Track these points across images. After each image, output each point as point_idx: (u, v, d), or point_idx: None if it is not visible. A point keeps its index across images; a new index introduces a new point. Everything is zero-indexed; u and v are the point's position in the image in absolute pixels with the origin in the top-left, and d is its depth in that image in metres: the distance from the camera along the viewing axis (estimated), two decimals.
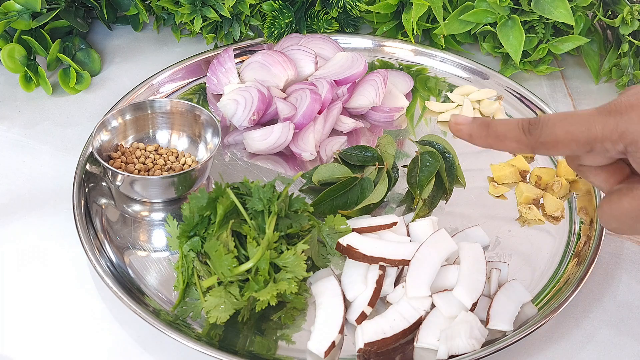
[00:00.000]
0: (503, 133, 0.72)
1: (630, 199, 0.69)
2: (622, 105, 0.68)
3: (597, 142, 0.68)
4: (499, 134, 0.72)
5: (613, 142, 0.67)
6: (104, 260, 0.87)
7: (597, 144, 0.68)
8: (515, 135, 0.71)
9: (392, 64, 1.15)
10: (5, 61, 1.06)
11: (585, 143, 0.68)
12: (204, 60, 1.11)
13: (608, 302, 0.87)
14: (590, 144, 0.68)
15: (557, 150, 0.70)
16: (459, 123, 0.73)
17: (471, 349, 0.77)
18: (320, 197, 0.90)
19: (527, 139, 0.70)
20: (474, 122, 0.73)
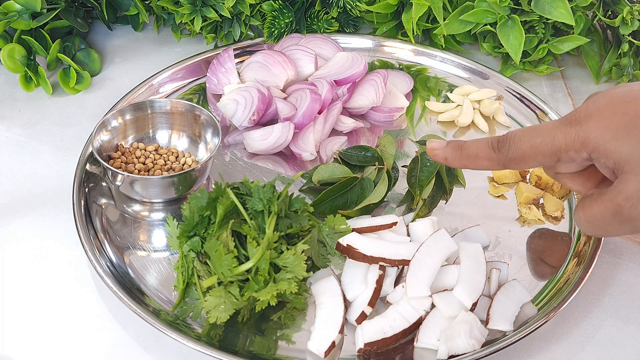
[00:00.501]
0: (475, 153, 0.76)
1: (599, 203, 0.71)
2: (581, 115, 0.71)
3: (562, 152, 0.71)
4: (471, 154, 0.76)
5: (576, 150, 0.70)
6: (104, 260, 0.87)
7: (562, 154, 0.71)
8: (486, 154, 0.75)
9: (392, 64, 1.15)
10: (5, 61, 1.06)
11: (551, 154, 0.71)
12: (204, 60, 1.11)
13: (608, 302, 0.87)
14: (556, 155, 0.71)
15: (525, 164, 0.73)
16: (434, 148, 0.79)
17: (471, 349, 0.77)
18: (320, 197, 0.90)
19: (497, 156, 0.75)
20: (448, 145, 0.78)
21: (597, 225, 0.72)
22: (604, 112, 0.70)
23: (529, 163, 0.73)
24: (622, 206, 0.69)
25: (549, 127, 0.72)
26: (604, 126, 0.69)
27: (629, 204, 0.68)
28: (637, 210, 0.68)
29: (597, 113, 0.70)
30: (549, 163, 0.73)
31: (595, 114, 0.70)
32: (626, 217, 0.69)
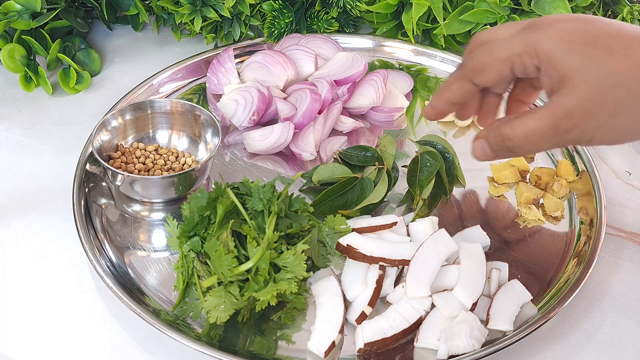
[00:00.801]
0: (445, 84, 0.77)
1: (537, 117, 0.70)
2: (542, 22, 0.70)
3: (517, 57, 0.70)
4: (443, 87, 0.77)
5: (530, 56, 0.70)
6: (104, 260, 0.87)
7: (517, 60, 0.71)
8: (453, 76, 0.76)
9: (392, 64, 1.15)
10: (5, 61, 1.06)
11: (506, 60, 0.71)
12: (204, 60, 1.11)
13: (608, 302, 0.87)
14: (511, 60, 0.71)
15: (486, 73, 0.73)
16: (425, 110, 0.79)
17: (471, 349, 0.77)
18: (320, 197, 0.90)
19: (460, 72, 0.75)
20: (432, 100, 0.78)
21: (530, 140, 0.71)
22: (565, 24, 0.70)
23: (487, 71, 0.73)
24: (561, 119, 0.69)
25: (508, 35, 0.72)
26: (561, 37, 0.69)
27: (566, 116, 0.69)
28: (571, 123, 0.69)
29: (557, 23, 0.70)
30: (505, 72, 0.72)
31: (555, 24, 0.70)
32: (562, 130, 0.69)
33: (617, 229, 0.95)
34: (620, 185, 1.00)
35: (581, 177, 0.98)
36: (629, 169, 1.02)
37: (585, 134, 0.69)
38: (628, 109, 0.68)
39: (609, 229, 0.94)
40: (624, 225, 0.95)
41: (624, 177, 1.01)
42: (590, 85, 0.68)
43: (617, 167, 1.02)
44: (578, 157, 1.00)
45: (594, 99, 0.68)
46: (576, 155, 1.00)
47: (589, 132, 0.69)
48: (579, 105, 0.68)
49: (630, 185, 1.00)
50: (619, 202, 0.98)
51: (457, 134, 1.05)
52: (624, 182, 1.01)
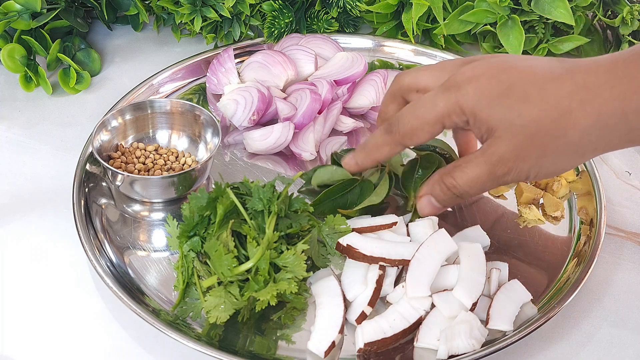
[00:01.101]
0: (374, 143, 0.82)
1: (474, 166, 0.76)
2: (460, 80, 0.75)
3: (445, 117, 0.75)
4: (372, 146, 0.82)
5: (457, 115, 0.75)
6: (104, 260, 0.87)
7: (446, 119, 0.75)
8: (383, 140, 0.80)
9: (392, 64, 1.15)
10: (5, 61, 1.06)
11: (435, 122, 0.76)
12: (204, 60, 1.11)
13: (608, 302, 0.87)
14: (440, 121, 0.76)
15: (417, 137, 0.78)
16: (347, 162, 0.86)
17: (471, 349, 0.77)
18: (320, 197, 0.90)
19: (391, 137, 0.79)
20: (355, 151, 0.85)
21: (474, 186, 0.77)
22: (481, 78, 0.74)
23: (419, 135, 0.77)
24: (496, 165, 0.74)
25: (431, 95, 0.76)
26: (480, 92, 0.73)
27: (500, 163, 0.74)
28: (506, 168, 0.74)
29: (474, 79, 0.74)
30: (437, 131, 0.77)
31: (473, 80, 0.74)
32: (499, 175, 0.75)
33: (617, 229, 0.95)
34: (620, 185, 1.00)
35: (581, 177, 0.98)
36: (629, 169, 1.02)
37: (520, 175, 0.75)
38: (554, 149, 0.73)
39: (609, 229, 0.94)
40: (624, 225, 0.95)
41: (624, 177, 1.01)
42: (514, 134, 0.73)
43: (617, 167, 1.02)
44: None
45: (521, 145, 0.73)
46: None
47: (524, 172, 0.75)
48: (508, 152, 0.74)
49: (630, 185, 1.00)
50: (619, 202, 0.98)
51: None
52: (624, 182, 1.01)
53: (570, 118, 0.71)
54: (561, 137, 0.72)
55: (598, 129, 0.71)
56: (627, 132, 0.71)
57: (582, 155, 0.74)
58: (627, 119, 0.70)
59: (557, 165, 0.75)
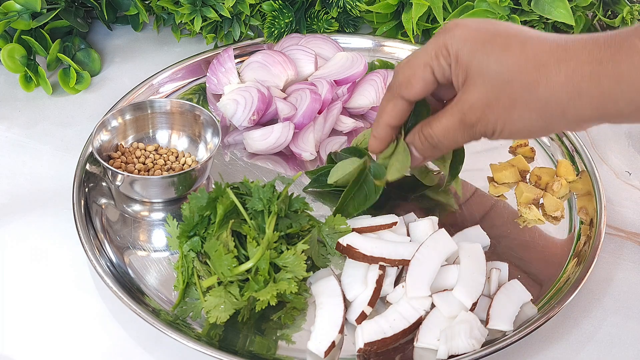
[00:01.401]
0: (379, 110, 0.83)
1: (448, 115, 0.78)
2: (450, 25, 0.77)
3: (433, 60, 0.77)
4: (380, 109, 0.83)
5: (444, 56, 0.76)
6: (104, 260, 0.87)
7: (434, 62, 0.77)
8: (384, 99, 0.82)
9: (392, 64, 1.15)
10: (5, 61, 1.06)
11: (425, 65, 0.77)
12: (204, 60, 1.11)
13: (608, 302, 0.87)
14: (429, 64, 0.77)
15: (412, 84, 0.79)
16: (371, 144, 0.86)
17: (471, 349, 0.77)
18: (340, 202, 0.89)
19: (390, 93, 0.81)
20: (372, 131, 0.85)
21: (446, 136, 0.78)
22: (469, 25, 0.76)
23: (413, 82, 0.78)
24: (466, 114, 0.75)
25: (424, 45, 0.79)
26: (465, 37, 0.75)
27: (470, 110, 0.75)
28: (475, 117, 0.75)
29: (462, 25, 0.76)
30: (428, 78, 0.78)
31: (461, 26, 0.76)
32: (468, 124, 0.76)
33: (617, 229, 0.95)
34: (620, 185, 1.00)
35: (581, 177, 0.98)
36: (629, 169, 1.02)
37: (488, 126, 0.75)
38: (523, 101, 0.73)
39: (609, 229, 0.94)
40: (624, 225, 0.95)
41: (624, 177, 1.01)
42: (487, 80, 0.74)
43: (617, 167, 1.02)
44: (578, 157, 1.00)
45: (492, 92, 0.74)
46: (576, 155, 1.00)
47: (491, 124, 0.75)
48: (479, 99, 0.74)
49: (630, 185, 1.00)
50: (619, 202, 0.98)
51: None
52: (624, 182, 1.01)
53: (544, 72, 0.71)
54: (532, 90, 0.72)
55: (570, 89, 0.71)
56: (599, 100, 0.71)
57: (549, 118, 0.74)
58: (600, 84, 0.70)
59: (523, 122, 0.74)
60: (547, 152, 1.02)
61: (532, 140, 1.03)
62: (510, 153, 1.02)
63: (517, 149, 1.02)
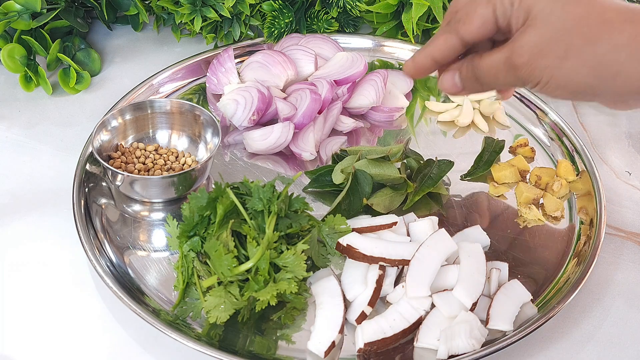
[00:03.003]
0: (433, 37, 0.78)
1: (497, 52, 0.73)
2: None
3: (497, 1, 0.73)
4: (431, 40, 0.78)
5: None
6: (104, 260, 0.87)
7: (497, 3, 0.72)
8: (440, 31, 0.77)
9: (392, 64, 1.15)
10: (5, 61, 1.06)
11: (488, 2, 0.73)
12: (204, 60, 1.11)
13: (608, 302, 0.87)
14: (493, 2, 0.73)
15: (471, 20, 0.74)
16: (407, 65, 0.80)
17: (471, 349, 0.77)
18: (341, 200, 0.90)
19: (447, 27, 0.76)
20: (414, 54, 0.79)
21: (490, 71, 0.75)
22: None
23: (472, 19, 0.74)
24: (514, 52, 0.72)
25: None
26: None
27: (520, 51, 0.72)
28: (523, 59, 0.71)
29: None
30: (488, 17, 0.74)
31: None
32: (513, 64, 0.72)
33: (617, 229, 0.95)
34: (620, 185, 1.00)
35: (581, 177, 0.98)
36: (629, 169, 1.02)
37: (533, 72, 0.72)
38: (579, 54, 0.70)
39: (609, 229, 0.94)
40: (624, 225, 0.95)
41: (624, 177, 1.01)
42: (548, 25, 0.70)
43: (617, 167, 1.02)
44: (578, 157, 1.00)
45: (549, 38, 0.70)
46: (576, 155, 1.00)
47: (538, 71, 0.71)
48: (534, 42, 0.71)
49: (630, 185, 1.00)
50: (619, 202, 0.98)
51: (457, 134, 1.05)
52: (624, 182, 1.01)
53: (608, 28, 0.69)
54: (591, 44, 0.70)
55: (629, 51, 0.69)
56: None
57: (600, 78, 0.71)
58: None
59: (573, 76, 0.71)
60: (547, 152, 1.02)
61: (532, 140, 1.03)
62: (510, 153, 1.02)
63: (517, 149, 1.02)
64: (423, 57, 0.79)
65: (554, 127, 1.04)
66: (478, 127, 1.05)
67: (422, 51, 0.79)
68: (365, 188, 0.91)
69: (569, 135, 1.02)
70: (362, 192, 0.91)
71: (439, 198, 0.95)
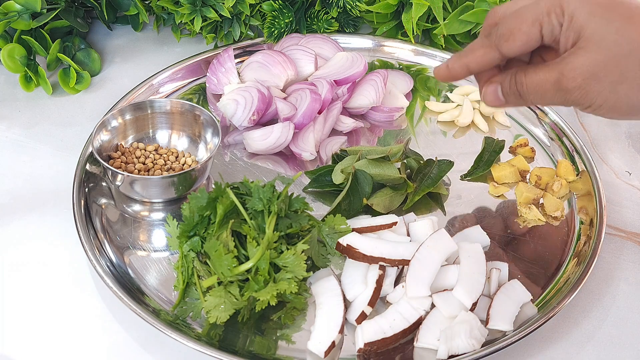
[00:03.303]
0: (470, 46, 0.77)
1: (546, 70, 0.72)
2: None
3: (544, 15, 0.71)
4: (467, 49, 0.77)
5: (557, 14, 0.71)
6: (104, 260, 0.87)
7: (545, 19, 0.71)
8: (479, 42, 0.76)
9: (392, 64, 1.15)
10: (5, 61, 1.06)
11: (535, 20, 0.72)
12: (204, 60, 1.11)
13: (608, 302, 0.87)
14: (539, 20, 0.72)
15: (514, 38, 0.73)
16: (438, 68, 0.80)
17: (471, 349, 0.77)
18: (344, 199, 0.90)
19: (489, 40, 0.75)
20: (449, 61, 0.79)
21: (536, 90, 0.74)
22: None
23: (516, 35, 0.73)
24: (565, 75, 0.71)
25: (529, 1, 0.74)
26: None
27: (571, 74, 0.70)
28: (575, 83, 0.70)
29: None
30: (533, 36, 0.73)
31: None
32: (563, 87, 0.71)
33: (617, 229, 0.95)
34: (620, 185, 1.00)
35: (581, 177, 0.98)
36: (629, 169, 1.02)
37: (586, 96, 0.71)
38: (634, 78, 0.69)
39: (609, 229, 0.94)
40: (624, 225, 0.95)
41: (624, 177, 1.01)
42: (603, 49, 0.69)
43: (617, 167, 1.02)
44: (578, 157, 1.00)
45: (603, 63, 0.69)
46: (576, 155, 1.00)
47: (591, 95, 0.70)
48: (587, 66, 0.69)
49: (630, 185, 1.00)
50: (619, 202, 0.98)
51: (457, 134, 1.05)
52: (624, 182, 1.01)
53: None
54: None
55: None
56: None
57: None
58: None
59: (630, 99, 0.70)
60: (547, 152, 1.02)
61: (532, 140, 1.03)
62: (510, 153, 1.02)
63: (517, 149, 1.02)
64: (459, 65, 0.78)
65: (554, 127, 1.04)
66: (478, 127, 1.05)
67: (458, 59, 0.77)
68: (365, 188, 0.91)
69: (569, 135, 1.02)
70: (362, 192, 0.91)
71: (439, 198, 0.95)
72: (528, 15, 0.73)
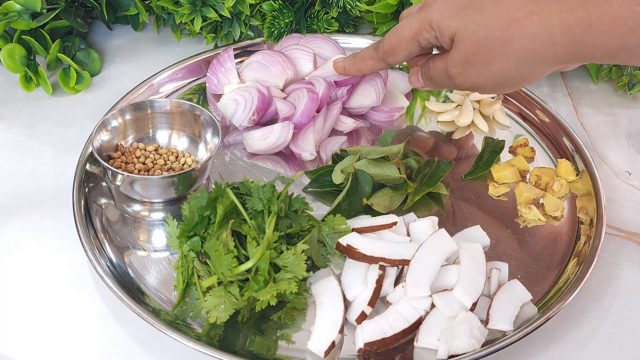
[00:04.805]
0: (362, 56, 0.96)
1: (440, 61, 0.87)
2: (430, 1, 0.86)
3: (418, 34, 0.87)
4: (360, 57, 0.96)
5: (427, 31, 0.86)
6: (104, 260, 0.87)
7: (419, 37, 0.87)
8: (370, 54, 0.94)
9: None
10: (5, 61, 1.06)
11: (411, 39, 0.88)
12: (204, 60, 1.11)
13: (608, 302, 0.87)
14: (415, 39, 0.88)
15: (397, 54, 0.91)
16: (337, 62, 1.00)
17: (471, 349, 0.77)
18: (342, 199, 0.90)
19: (377, 53, 0.93)
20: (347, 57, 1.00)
21: (437, 76, 0.88)
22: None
23: (398, 52, 0.90)
24: (449, 65, 0.85)
25: (408, 18, 0.89)
26: (444, 8, 0.84)
27: (451, 64, 0.85)
28: (456, 70, 0.85)
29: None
30: (413, 49, 0.89)
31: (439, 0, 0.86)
32: (450, 74, 0.86)
33: (617, 229, 0.95)
34: (620, 185, 1.00)
35: (581, 177, 0.98)
36: (629, 169, 1.02)
37: (468, 79, 0.85)
38: (500, 54, 0.81)
39: (609, 229, 0.94)
40: (624, 225, 0.95)
41: (624, 177, 1.01)
42: (468, 40, 0.83)
43: (617, 167, 1.02)
44: (578, 157, 1.00)
45: (472, 50, 0.83)
46: (576, 155, 1.00)
47: (472, 78, 0.85)
48: (461, 56, 0.84)
49: (630, 185, 1.00)
50: (619, 202, 0.98)
51: (457, 134, 1.05)
52: (624, 182, 1.01)
53: (517, 26, 0.79)
54: (507, 44, 0.80)
55: (542, 37, 0.78)
56: (572, 46, 0.77)
57: (529, 65, 0.81)
58: (571, 31, 0.77)
59: (504, 73, 0.82)
60: (547, 152, 1.02)
61: (532, 140, 1.03)
62: (510, 153, 1.02)
63: (517, 149, 1.02)
64: (354, 69, 0.98)
65: (554, 127, 1.04)
66: (478, 127, 1.05)
67: (353, 63, 0.97)
68: (365, 188, 0.91)
69: (569, 135, 1.02)
70: (362, 192, 0.91)
71: (439, 198, 0.95)
72: (406, 35, 0.88)
